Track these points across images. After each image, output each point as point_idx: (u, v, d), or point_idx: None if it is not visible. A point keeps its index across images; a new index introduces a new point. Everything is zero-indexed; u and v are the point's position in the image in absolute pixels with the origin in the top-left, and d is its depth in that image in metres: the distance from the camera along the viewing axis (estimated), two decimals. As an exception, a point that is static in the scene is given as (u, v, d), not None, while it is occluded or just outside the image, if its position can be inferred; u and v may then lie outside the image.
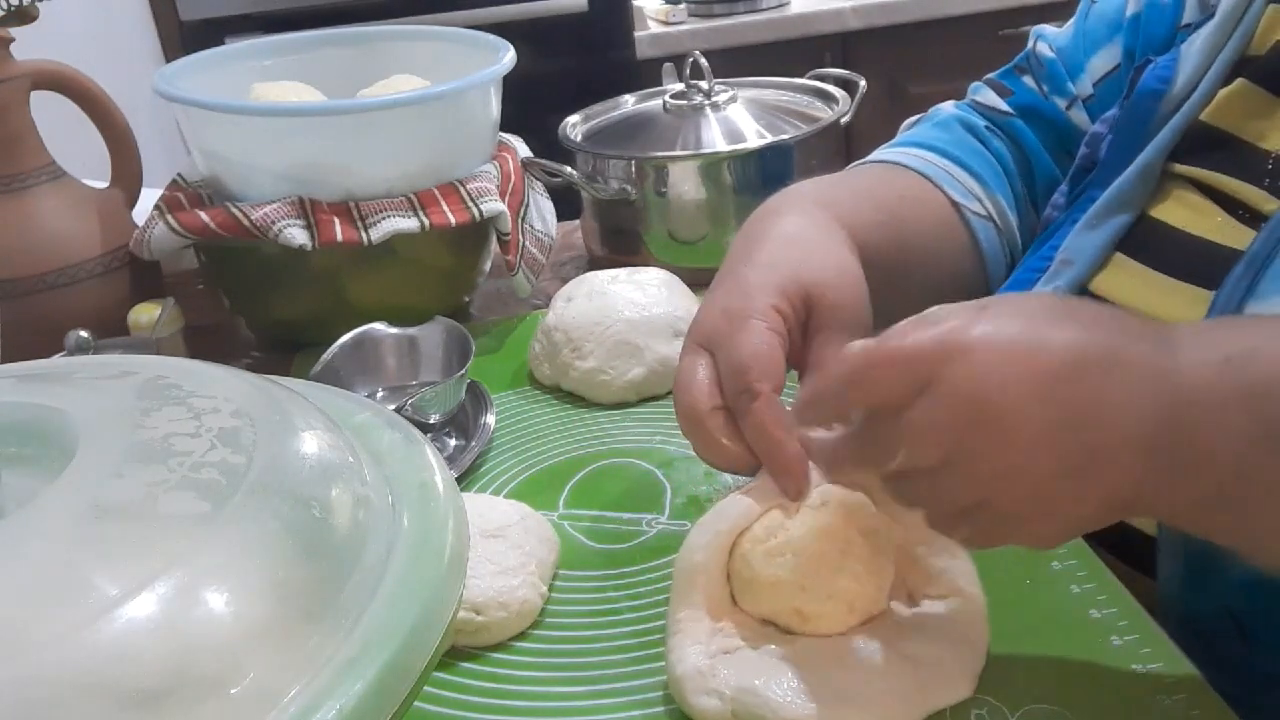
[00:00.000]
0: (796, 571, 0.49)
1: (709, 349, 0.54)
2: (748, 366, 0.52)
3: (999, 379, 0.41)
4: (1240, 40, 0.59)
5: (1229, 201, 0.57)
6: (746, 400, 0.51)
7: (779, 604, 0.50)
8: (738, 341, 0.53)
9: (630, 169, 0.95)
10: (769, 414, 0.51)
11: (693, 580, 0.50)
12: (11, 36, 0.85)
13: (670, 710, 0.50)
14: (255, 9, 1.88)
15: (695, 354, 0.55)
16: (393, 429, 0.49)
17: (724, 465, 0.55)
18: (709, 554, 0.50)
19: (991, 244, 0.73)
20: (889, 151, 0.75)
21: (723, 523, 0.51)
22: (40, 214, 0.86)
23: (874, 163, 0.75)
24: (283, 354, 0.89)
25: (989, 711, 0.48)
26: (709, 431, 0.53)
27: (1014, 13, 2.05)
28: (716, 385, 0.53)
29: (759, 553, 0.50)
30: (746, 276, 0.56)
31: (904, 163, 0.73)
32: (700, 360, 0.54)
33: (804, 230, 0.59)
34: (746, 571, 0.50)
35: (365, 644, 0.35)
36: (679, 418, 0.55)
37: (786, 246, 0.57)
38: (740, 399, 0.52)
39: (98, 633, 0.31)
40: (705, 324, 0.56)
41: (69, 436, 0.40)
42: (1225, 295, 0.52)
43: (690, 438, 0.55)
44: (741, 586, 0.51)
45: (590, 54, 2.00)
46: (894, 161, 0.73)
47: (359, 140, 0.82)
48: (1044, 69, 0.74)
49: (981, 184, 0.73)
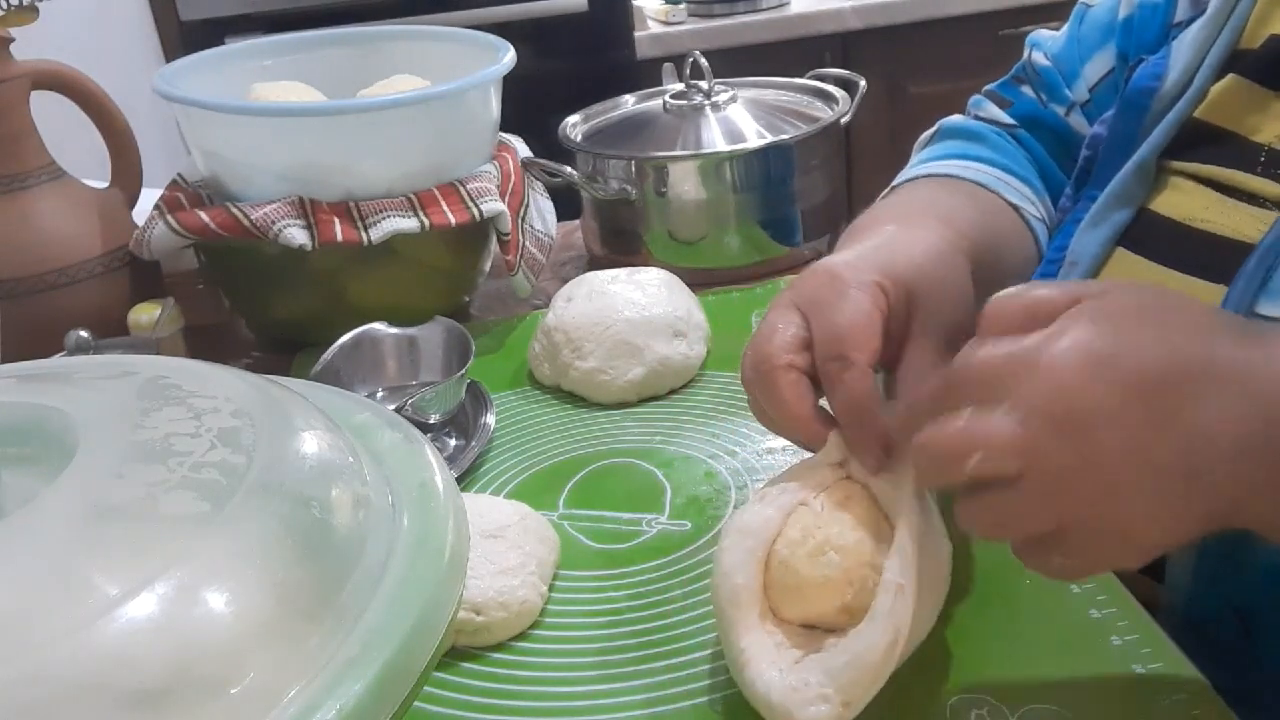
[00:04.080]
0: (843, 567, 0.48)
1: (805, 311, 0.53)
2: (846, 333, 0.50)
3: (1073, 390, 0.39)
4: (1231, 34, 0.59)
5: (1225, 190, 0.57)
6: (839, 368, 0.50)
7: (828, 604, 0.49)
8: (839, 308, 0.51)
9: (630, 169, 0.95)
10: (862, 384, 0.50)
11: (741, 603, 0.49)
12: (11, 37, 0.85)
13: (669, 711, 0.50)
14: (255, 9, 1.88)
15: (788, 311, 0.53)
16: (393, 429, 0.49)
17: (777, 423, 0.53)
18: (748, 573, 0.49)
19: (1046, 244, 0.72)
20: (935, 165, 0.73)
21: (750, 539, 0.50)
22: (40, 214, 0.86)
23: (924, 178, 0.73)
24: (283, 354, 0.89)
25: (989, 712, 0.48)
26: (776, 384, 0.51)
27: (1014, 13, 2.05)
28: (801, 346, 0.52)
29: (801, 556, 0.49)
30: (858, 253, 0.55)
31: (959, 175, 0.72)
32: (792, 318, 0.53)
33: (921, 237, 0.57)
34: (791, 579, 0.49)
35: (365, 644, 0.35)
36: (746, 366, 0.53)
37: (901, 242, 0.56)
38: (833, 365, 0.50)
39: (98, 633, 0.31)
40: (807, 286, 0.54)
41: (69, 436, 0.40)
42: (1238, 291, 0.52)
43: (752, 389, 0.53)
44: (785, 594, 0.49)
45: (590, 54, 2.01)
46: (947, 175, 0.72)
47: (359, 140, 0.82)
48: (1040, 78, 0.74)
49: (1030, 187, 0.73)
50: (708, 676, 0.52)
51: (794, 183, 0.96)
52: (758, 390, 0.53)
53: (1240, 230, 0.55)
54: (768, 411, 0.53)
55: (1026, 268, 0.70)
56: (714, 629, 0.55)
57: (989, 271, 0.60)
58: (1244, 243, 0.54)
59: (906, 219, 0.60)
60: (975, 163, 0.72)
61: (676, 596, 0.57)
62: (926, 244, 0.56)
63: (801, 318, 0.53)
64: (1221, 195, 0.57)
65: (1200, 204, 0.57)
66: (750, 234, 0.96)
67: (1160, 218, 0.59)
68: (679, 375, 0.78)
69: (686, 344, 0.78)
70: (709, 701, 0.51)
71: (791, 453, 0.68)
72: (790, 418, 0.52)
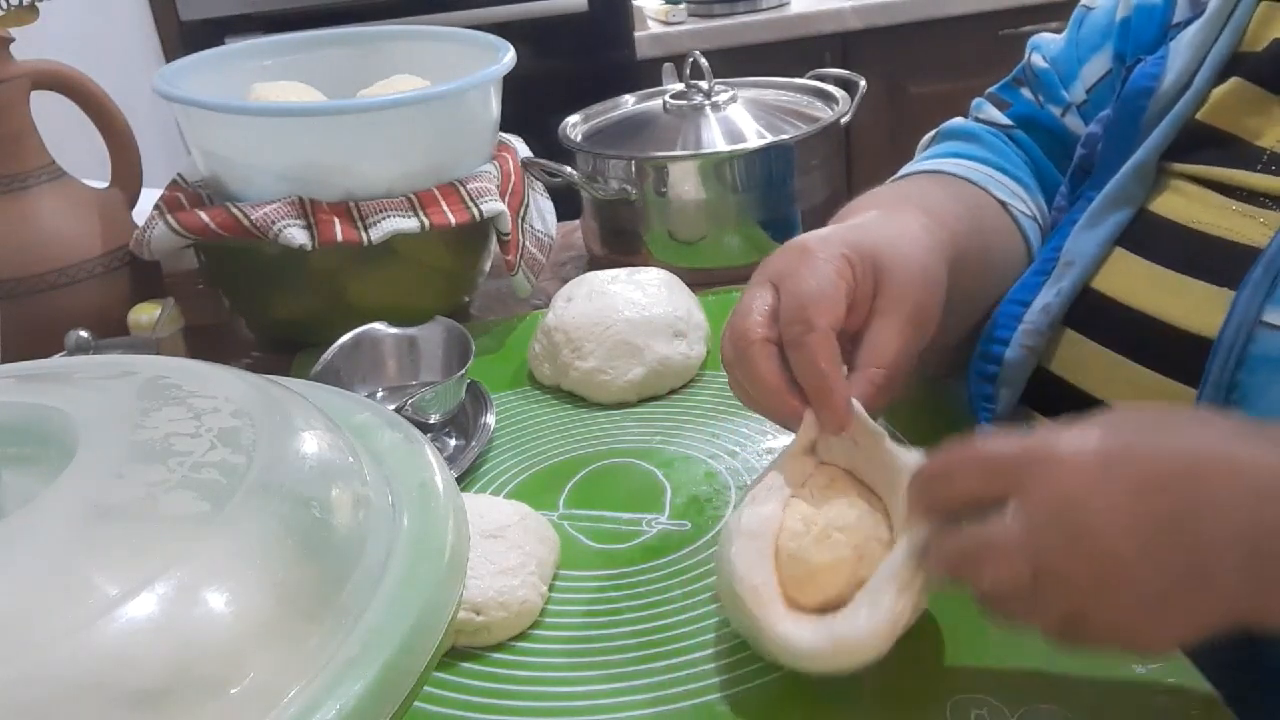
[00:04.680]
0: (851, 545, 0.49)
1: (775, 284, 0.54)
2: (809, 300, 0.52)
3: (1084, 488, 0.40)
4: (1232, 36, 0.59)
5: (1227, 192, 0.57)
6: (801, 331, 0.51)
7: (841, 584, 0.49)
8: (802, 275, 0.52)
9: (630, 169, 0.95)
10: (822, 348, 0.51)
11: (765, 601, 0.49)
12: (11, 36, 0.85)
13: (669, 710, 0.50)
14: (255, 9, 1.88)
15: (761, 287, 0.55)
16: (393, 429, 0.49)
17: (754, 400, 0.54)
18: (765, 571, 0.50)
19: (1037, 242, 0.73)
20: (927, 163, 0.74)
21: (757, 540, 0.51)
22: (40, 214, 0.86)
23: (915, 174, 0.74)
24: (283, 354, 0.89)
25: (989, 712, 0.48)
26: (752, 359, 0.52)
27: (1014, 13, 2.05)
28: (773, 318, 0.53)
29: (808, 545, 0.50)
30: (827, 231, 0.56)
31: (950, 171, 0.72)
32: (765, 293, 0.54)
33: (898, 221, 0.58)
34: (803, 568, 0.50)
35: (365, 644, 0.35)
36: (725, 345, 0.55)
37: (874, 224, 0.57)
38: (795, 329, 0.51)
39: (98, 633, 0.31)
40: (777, 261, 0.55)
41: (69, 436, 0.40)
42: (1244, 300, 0.52)
43: (731, 368, 0.55)
44: (800, 584, 0.50)
45: (590, 54, 2.00)
46: (938, 171, 0.73)
47: (359, 140, 0.82)
48: (1038, 79, 0.74)
49: (1022, 186, 0.73)
50: (708, 676, 0.52)
51: (794, 183, 0.96)
52: (736, 367, 0.54)
53: (1243, 234, 0.55)
54: (745, 387, 0.54)
55: (1015, 264, 0.70)
56: (714, 629, 0.55)
57: (975, 264, 0.60)
58: (1247, 246, 0.54)
59: (889, 206, 0.61)
60: (967, 160, 0.73)
61: (676, 596, 0.58)
62: (901, 226, 0.57)
63: (773, 291, 0.54)
64: (1223, 198, 0.57)
65: (1202, 206, 0.57)
66: (750, 234, 0.96)
67: (1160, 219, 0.59)
68: (679, 375, 0.78)
69: (686, 344, 0.78)
70: (709, 701, 0.51)
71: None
72: (766, 391, 0.53)
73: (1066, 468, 0.40)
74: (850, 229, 0.56)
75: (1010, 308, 0.64)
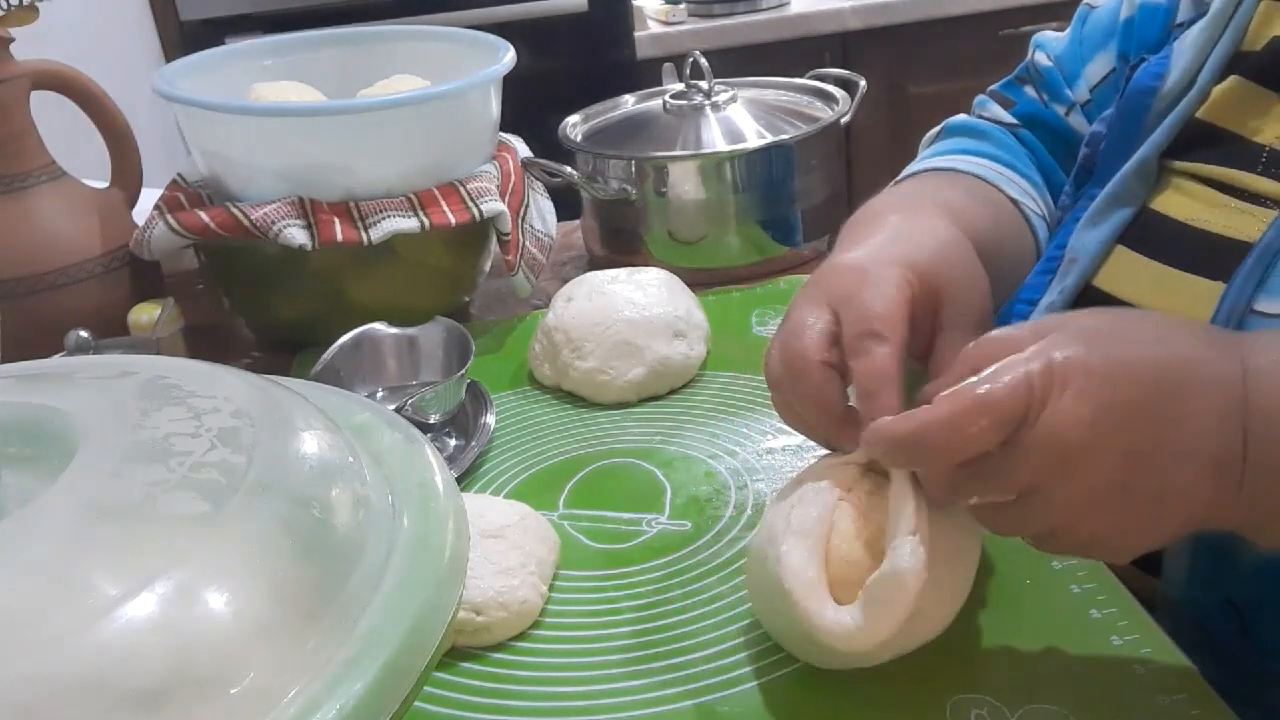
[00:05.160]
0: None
1: (833, 306, 0.53)
2: (876, 319, 0.51)
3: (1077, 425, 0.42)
4: (1234, 36, 0.59)
5: (1226, 190, 0.57)
6: (871, 344, 0.50)
7: None
8: (868, 296, 0.51)
9: (630, 169, 0.95)
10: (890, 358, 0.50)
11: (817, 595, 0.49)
12: (11, 36, 0.85)
13: (670, 710, 0.50)
14: (255, 9, 1.88)
15: (816, 307, 0.53)
16: (393, 429, 0.49)
17: (806, 421, 0.53)
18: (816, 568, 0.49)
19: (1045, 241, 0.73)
20: (939, 160, 0.74)
21: (809, 539, 0.50)
22: (40, 214, 0.86)
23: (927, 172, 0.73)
24: (283, 354, 0.89)
25: (989, 711, 0.48)
26: (810, 382, 0.51)
27: (1014, 13, 2.05)
28: (833, 342, 0.52)
29: (860, 548, 0.49)
30: (876, 246, 0.55)
31: (963, 169, 0.72)
32: (822, 314, 0.53)
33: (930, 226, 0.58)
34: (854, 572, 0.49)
35: (365, 644, 0.35)
36: (775, 364, 0.53)
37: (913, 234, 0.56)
38: (863, 342, 0.50)
39: (98, 633, 0.31)
40: (832, 280, 0.54)
41: (69, 436, 0.40)
42: (1236, 289, 0.52)
43: (781, 388, 0.53)
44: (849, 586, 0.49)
45: (590, 54, 2.00)
46: (951, 169, 0.72)
47: (359, 140, 0.82)
48: (1042, 78, 0.74)
49: (1031, 184, 0.73)
50: (708, 676, 0.52)
51: (794, 183, 0.96)
52: (788, 387, 0.53)
53: (1240, 230, 0.55)
54: (797, 409, 0.53)
55: (1025, 263, 0.70)
56: (714, 629, 0.55)
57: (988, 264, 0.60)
58: (1243, 242, 0.54)
59: (909, 210, 0.60)
60: (978, 158, 0.73)
61: (676, 596, 0.57)
62: (937, 235, 0.56)
63: (831, 313, 0.52)
64: (1223, 195, 0.57)
65: (1201, 204, 0.57)
66: (750, 234, 0.96)
67: (1161, 217, 0.59)
68: (679, 375, 0.78)
69: (686, 344, 0.78)
70: (709, 701, 0.51)
71: (791, 453, 0.69)
72: (825, 417, 0.52)
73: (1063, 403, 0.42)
74: (894, 244, 0.55)
75: (1019, 308, 0.64)
